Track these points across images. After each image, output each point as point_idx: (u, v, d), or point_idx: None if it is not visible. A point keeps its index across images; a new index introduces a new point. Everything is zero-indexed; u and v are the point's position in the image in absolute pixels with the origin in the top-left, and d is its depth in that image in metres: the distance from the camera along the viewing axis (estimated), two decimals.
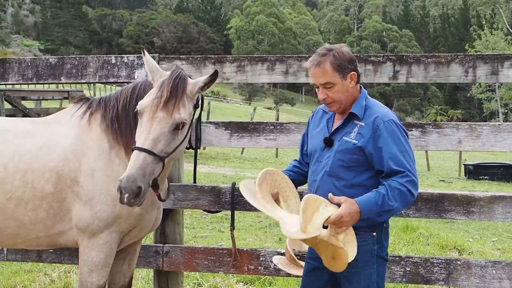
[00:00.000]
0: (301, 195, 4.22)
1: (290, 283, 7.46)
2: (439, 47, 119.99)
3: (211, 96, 72.22)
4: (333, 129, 4.23)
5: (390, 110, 4.15)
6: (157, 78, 4.23)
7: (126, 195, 3.80)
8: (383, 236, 4.11)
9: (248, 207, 5.55)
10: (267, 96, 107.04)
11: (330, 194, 3.93)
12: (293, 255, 4.87)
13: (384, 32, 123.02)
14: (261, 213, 4.64)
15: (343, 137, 4.11)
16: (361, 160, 4.04)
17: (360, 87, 4.25)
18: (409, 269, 5.31)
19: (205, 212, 5.54)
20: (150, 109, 4.02)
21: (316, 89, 4.20)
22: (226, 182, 15.34)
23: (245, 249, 5.59)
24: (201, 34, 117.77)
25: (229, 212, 5.69)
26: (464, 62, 5.21)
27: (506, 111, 73.21)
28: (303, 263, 4.90)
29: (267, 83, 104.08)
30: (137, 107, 4.06)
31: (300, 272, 4.87)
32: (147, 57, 4.30)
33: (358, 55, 5.29)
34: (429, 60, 5.27)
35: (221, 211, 5.70)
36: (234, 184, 5.52)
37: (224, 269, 5.62)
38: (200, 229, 11.26)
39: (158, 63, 5.58)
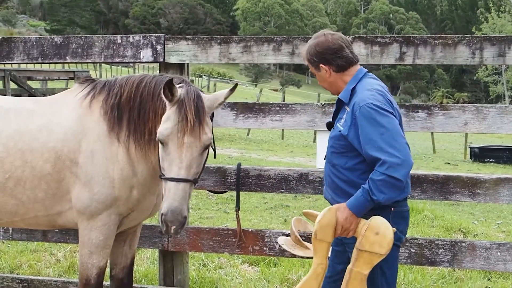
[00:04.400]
0: None
1: (295, 264, 7.48)
2: (446, 30, 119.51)
3: (217, 78, 72.10)
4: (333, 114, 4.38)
5: (373, 92, 4.03)
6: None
7: (173, 227, 3.89)
8: (392, 221, 4.01)
9: (254, 188, 5.56)
10: (273, 78, 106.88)
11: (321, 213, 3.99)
12: (298, 236, 4.88)
13: (391, 15, 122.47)
14: (267, 194, 4.67)
15: (336, 123, 4.20)
16: (348, 146, 4.06)
17: (359, 70, 4.23)
18: (414, 250, 5.32)
19: (210, 193, 5.54)
20: (175, 137, 3.97)
21: None
22: (231, 163, 15.35)
23: (250, 229, 5.60)
24: (207, 15, 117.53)
25: (234, 193, 5.69)
26: (471, 44, 5.19)
27: None
28: (308, 244, 4.91)
29: (273, 65, 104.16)
30: (158, 136, 4.00)
31: (305, 253, 4.88)
32: None
33: (364, 36, 5.28)
34: (436, 41, 5.24)
35: (226, 191, 5.70)
36: (239, 165, 5.52)
37: (229, 250, 5.64)
38: (206, 210, 11.29)
39: (164, 44, 5.58)
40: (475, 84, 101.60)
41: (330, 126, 4.35)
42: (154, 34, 5.68)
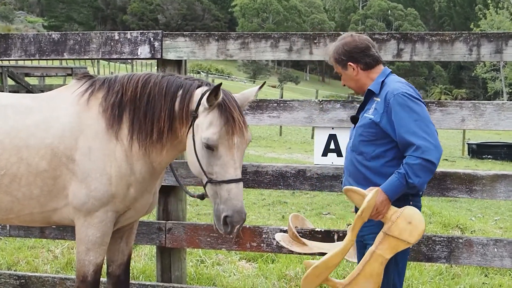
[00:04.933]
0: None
1: (293, 260, 7.49)
2: (444, 26, 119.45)
3: (215, 74, 72.05)
4: (358, 108, 4.61)
5: (405, 84, 4.34)
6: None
7: (237, 227, 4.03)
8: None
9: (251, 185, 5.57)
10: (272, 74, 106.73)
11: (360, 190, 4.15)
12: (296, 233, 4.89)
13: (389, 11, 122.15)
14: (265, 190, 4.70)
15: (364, 114, 4.42)
16: (379, 133, 4.27)
17: (385, 68, 4.50)
18: (411, 247, 5.32)
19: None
20: (224, 139, 4.05)
21: None
22: None
23: (247, 226, 5.59)
24: (205, 12, 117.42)
25: None
26: (468, 40, 5.20)
27: (510, 90, 73.08)
28: (305, 241, 4.92)
29: (272, 61, 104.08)
30: (207, 142, 4.03)
31: (302, 250, 4.90)
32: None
33: (362, 32, 5.27)
34: (433, 38, 5.25)
35: None
36: None
37: (227, 246, 5.64)
38: (204, 206, 11.30)
39: (162, 40, 5.58)
40: (473, 80, 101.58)
41: (354, 119, 4.56)
42: (151, 31, 5.68)
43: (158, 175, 4.59)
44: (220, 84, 4.02)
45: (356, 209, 4.35)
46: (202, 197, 4.60)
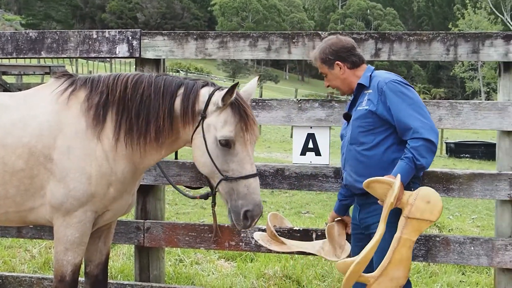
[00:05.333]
0: None
1: (272, 259, 7.51)
2: (423, 26, 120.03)
3: (195, 73, 71.84)
4: (349, 105, 4.76)
5: (394, 74, 4.58)
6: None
7: (255, 220, 4.16)
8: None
9: None
10: (251, 73, 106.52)
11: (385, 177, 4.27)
12: (274, 232, 4.90)
13: (368, 10, 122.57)
14: None
15: (358, 108, 4.58)
16: (377, 122, 4.45)
17: (369, 66, 4.72)
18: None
19: (187, 189, 5.55)
20: (239, 136, 4.15)
21: None
22: None
23: (226, 225, 5.58)
24: (185, 10, 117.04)
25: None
26: (445, 40, 5.24)
27: (488, 90, 73.52)
28: (284, 240, 4.94)
29: (251, 60, 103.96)
30: (225, 138, 4.11)
31: (280, 248, 4.92)
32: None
33: (340, 32, 5.29)
34: (411, 38, 5.29)
35: (202, 187, 5.69)
36: None
37: (205, 245, 5.64)
38: (183, 205, 11.29)
39: (140, 39, 5.57)
40: (451, 80, 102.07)
41: (347, 116, 4.72)
42: (130, 30, 5.67)
43: (139, 176, 4.59)
44: (237, 83, 4.15)
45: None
46: (206, 196, 4.72)
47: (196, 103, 4.25)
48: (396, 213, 4.27)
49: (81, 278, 5.00)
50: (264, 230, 5.19)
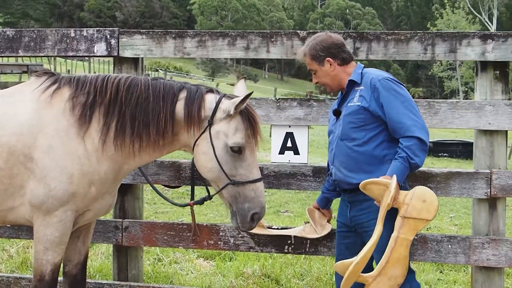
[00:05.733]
0: None
1: (250, 258, 7.52)
2: (401, 25, 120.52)
3: (174, 72, 71.64)
4: (339, 101, 4.79)
5: (385, 72, 4.64)
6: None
7: (257, 221, 4.34)
8: None
9: (209, 182, 5.55)
10: (230, 72, 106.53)
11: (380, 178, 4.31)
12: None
13: (347, 10, 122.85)
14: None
15: (348, 104, 4.60)
16: (368, 118, 4.48)
17: (359, 63, 4.78)
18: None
19: (166, 188, 5.56)
20: (247, 143, 4.30)
21: None
22: (186, 157, 15.32)
23: (204, 224, 5.60)
24: (164, 9, 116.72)
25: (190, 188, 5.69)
26: (423, 39, 5.27)
27: (466, 89, 74.02)
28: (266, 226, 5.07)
29: (230, 59, 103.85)
30: (238, 145, 4.25)
31: (262, 231, 5.04)
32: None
33: (319, 31, 5.32)
34: (389, 37, 5.32)
35: (181, 186, 5.70)
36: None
37: (184, 244, 5.63)
38: (161, 204, 11.27)
39: (118, 38, 5.55)
40: (430, 79, 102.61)
41: (336, 112, 4.75)
42: (108, 28, 5.65)
43: (122, 177, 4.58)
44: (252, 92, 4.25)
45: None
46: (202, 202, 4.87)
47: (201, 108, 4.30)
48: (391, 211, 4.30)
49: (60, 278, 4.98)
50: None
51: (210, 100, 4.33)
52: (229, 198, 4.33)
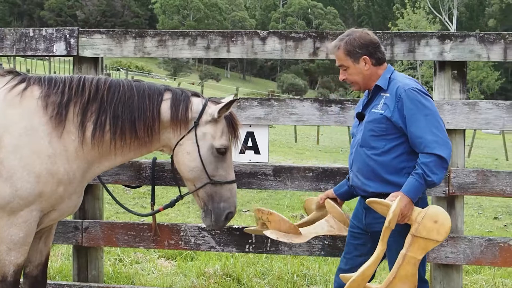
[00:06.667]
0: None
1: (212, 258, 7.53)
2: (363, 25, 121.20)
3: (135, 71, 71.32)
4: (364, 104, 4.63)
5: (414, 81, 4.48)
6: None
7: (230, 220, 4.59)
8: (420, 206, 4.30)
9: (169, 182, 5.56)
10: (192, 71, 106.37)
11: (382, 200, 4.21)
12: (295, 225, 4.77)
13: (309, 9, 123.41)
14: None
15: (372, 109, 4.46)
16: (390, 128, 4.35)
17: (389, 66, 4.59)
18: (327, 242, 5.41)
19: (127, 188, 5.54)
20: (230, 146, 4.56)
21: None
22: (147, 157, 15.25)
23: (165, 224, 5.60)
24: (125, 8, 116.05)
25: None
26: (382, 39, 5.33)
27: (427, 88, 74.52)
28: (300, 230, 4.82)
29: (192, 59, 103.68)
30: (224, 146, 4.48)
31: (300, 239, 4.73)
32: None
33: (279, 31, 5.35)
34: None
35: (141, 186, 5.69)
36: (155, 159, 5.52)
37: (144, 244, 5.62)
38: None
39: (78, 37, 5.52)
40: None
41: (360, 116, 4.58)
42: (67, 27, 5.62)
43: (91, 178, 4.57)
44: (236, 99, 4.52)
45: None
46: (173, 204, 4.99)
47: (188, 110, 4.45)
48: (405, 224, 4.26)
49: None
50: (203, 229, 5.26)
51: (196, 102, 4.50)
52: (205, 197, 4.49)
